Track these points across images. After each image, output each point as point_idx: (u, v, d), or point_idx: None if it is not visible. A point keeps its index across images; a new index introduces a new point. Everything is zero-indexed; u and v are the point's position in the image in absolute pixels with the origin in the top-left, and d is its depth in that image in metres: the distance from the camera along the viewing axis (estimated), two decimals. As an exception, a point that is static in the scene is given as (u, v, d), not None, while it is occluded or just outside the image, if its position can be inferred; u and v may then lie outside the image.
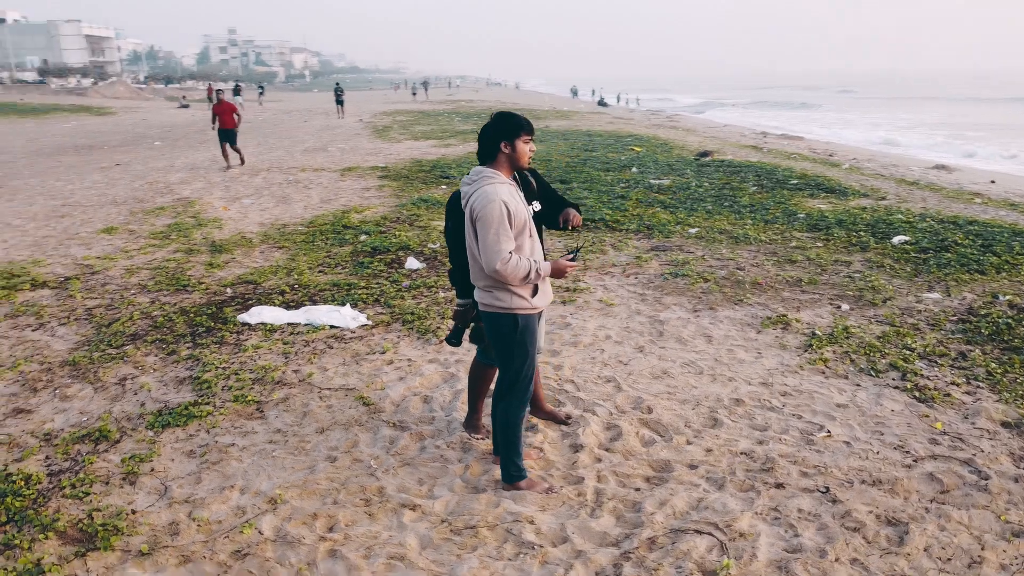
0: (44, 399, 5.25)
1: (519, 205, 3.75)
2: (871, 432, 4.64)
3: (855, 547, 3.50)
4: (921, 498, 3.92)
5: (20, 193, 14.58)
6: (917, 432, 4.63)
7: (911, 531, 3.60)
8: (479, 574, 3.37)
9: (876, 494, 3.95)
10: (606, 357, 5.86)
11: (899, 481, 4.05)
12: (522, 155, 3.80)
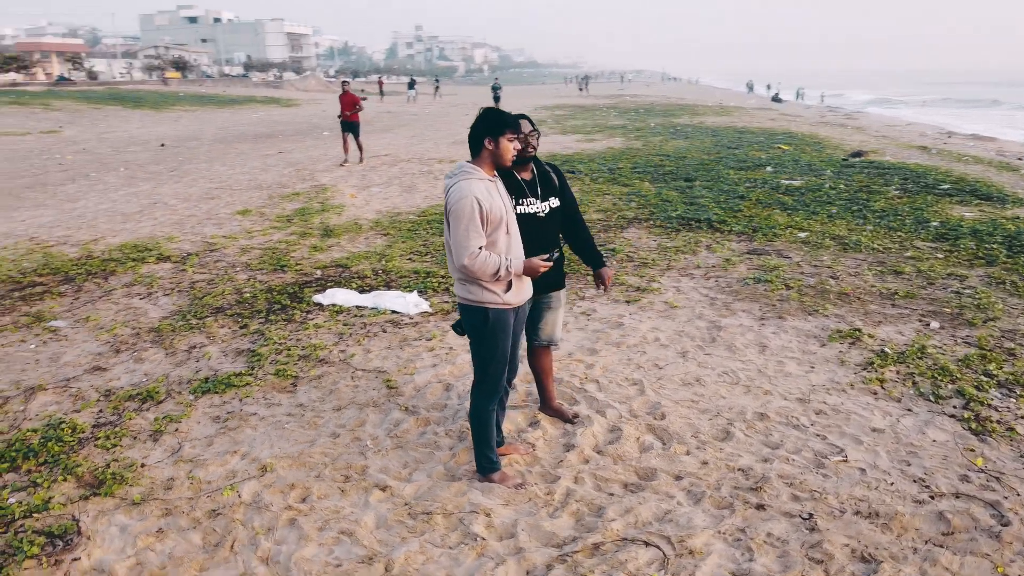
0: (122, 360, 5.89)
1: (496, 202, 3.77)
2: (897, 461, 4.25)
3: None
4: (916, 538, 3.57)
5: (188, 176, 16.19)
6: (950, 466, 4.19)
7: (881, 571, 3.29)
8: (414, 558, 3.45)
9: (865, 527, 3.63)
10: (644, 360, 5.72)
11: (898, 516, 3.70)
12: (505, 152, 3.81)
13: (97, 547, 3.53)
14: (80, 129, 29.34)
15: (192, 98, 48.36)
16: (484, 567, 3.38)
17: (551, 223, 4.37)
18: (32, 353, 6.04)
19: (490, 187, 3.79)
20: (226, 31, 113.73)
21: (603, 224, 10.39)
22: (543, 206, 4.33)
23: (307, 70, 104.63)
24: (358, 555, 3.48)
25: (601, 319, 6.61)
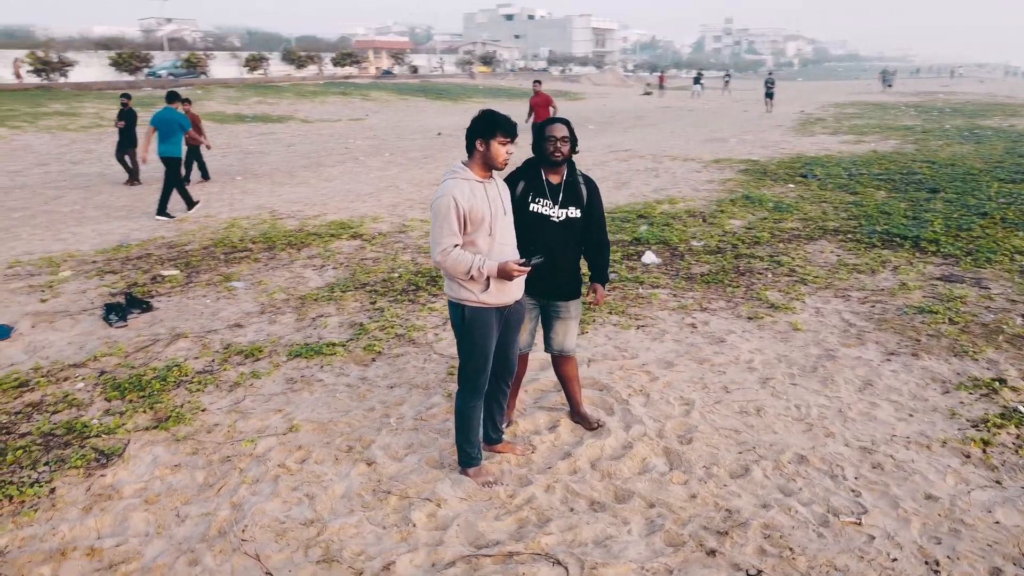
0: (260, 320, 6.79)
1: (479, 203, 3.81)
2: (927, 537, 3.60)
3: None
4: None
5: (434, 163, 17.64)
6: (992, 554, 3.45)
7: (787, 648, 2.88)
8: (346, 530, 3.69)
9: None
10: (715, 380, 5.33)
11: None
12: (497, 155, 3.85)
13: (124, 469, 4.24)
14: (381, 118, 33.03)
15: (489, 91, 51.96)
16: (397, 550, 3.52)
17: (565, 231, 4.30)
18: (204, 306, 7.19)
19: (476, 188, 3.85)
20: (537, 27, 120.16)
21: (792, 234, 9.60)
22: (560, 212, 4.28)
23: (608, 64, 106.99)
24: (305, 518, 3.80)
25: (705, 333, 6.23)
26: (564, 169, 4.34)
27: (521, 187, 4.33)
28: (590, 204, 4.37)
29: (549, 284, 4.36)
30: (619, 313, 6.72)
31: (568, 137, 4.24)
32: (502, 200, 3.96)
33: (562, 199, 4.30)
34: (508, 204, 4.01)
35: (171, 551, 3.55)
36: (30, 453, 4.40)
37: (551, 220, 4.28)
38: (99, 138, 22.84)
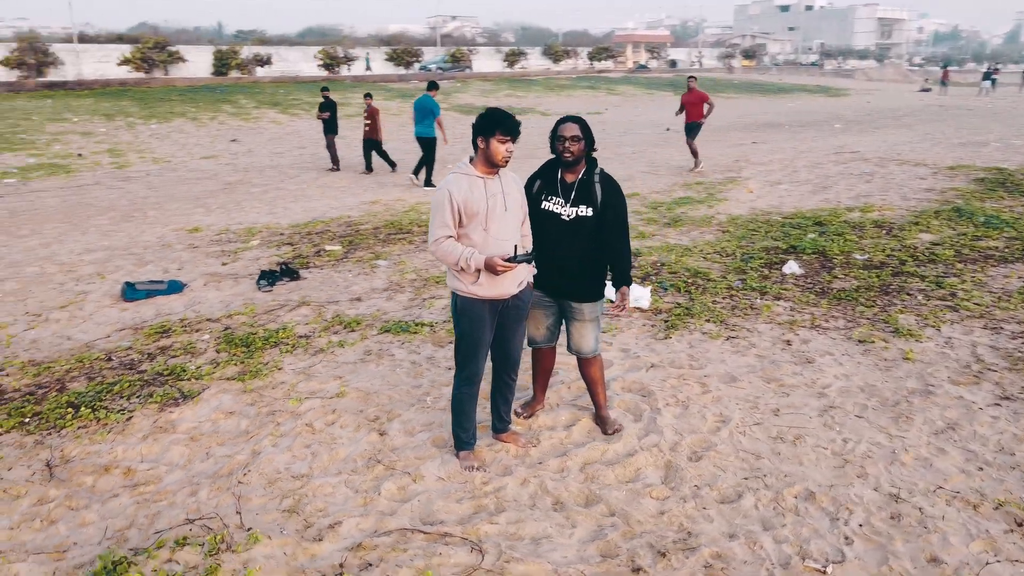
0: (380, 296, 7.39)
1: (476, 199, 3.95)
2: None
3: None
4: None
5: (633, 158, 17.53)
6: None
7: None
8: (323, 487, 4.05)
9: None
10: (770, 402, 4.97)
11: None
12: (496, 153, 3.96)
13: (189, 410, 4.96)
14: (619, 112, 33.22)
15: (742, 86, 49.98)
16: (351, 513, 3.81)
17: (574, 229, 4.28)
18: (344, 280, 7.97)
19: (476, 184, 3.99)
20: (814, 18, 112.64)
21: (984, 254, 8.40)
22: (570, 211, 4.28)
23: (892, 58, 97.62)
24: (298, 472, 4.22)
25: (796, 352, 5.77)
26: (581, 168, 4.32)
27: (537, 185, 4.39)
28: (604, 204, 4.30)
29: (557, 282, 4.38)
30: (716, 321, 6.41)
31: (579, 137, 4.21)
32: (503, 197, 4.04)
33: (574, 198, 4.29)
34: (513, 201, 4.08)
35: (183, 481, 4.14)
36: (132, 387, 5.29)
37: (560, 218, 4.29)
38: (357, 125, 25.50)
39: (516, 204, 4.11)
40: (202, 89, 34.83)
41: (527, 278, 4.23)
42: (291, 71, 45.77)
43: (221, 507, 3.88)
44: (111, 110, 27.03)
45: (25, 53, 36.99)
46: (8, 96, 30.46)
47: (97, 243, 9.85)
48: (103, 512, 3.86)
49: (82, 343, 6.21)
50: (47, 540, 3.64)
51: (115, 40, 46.66)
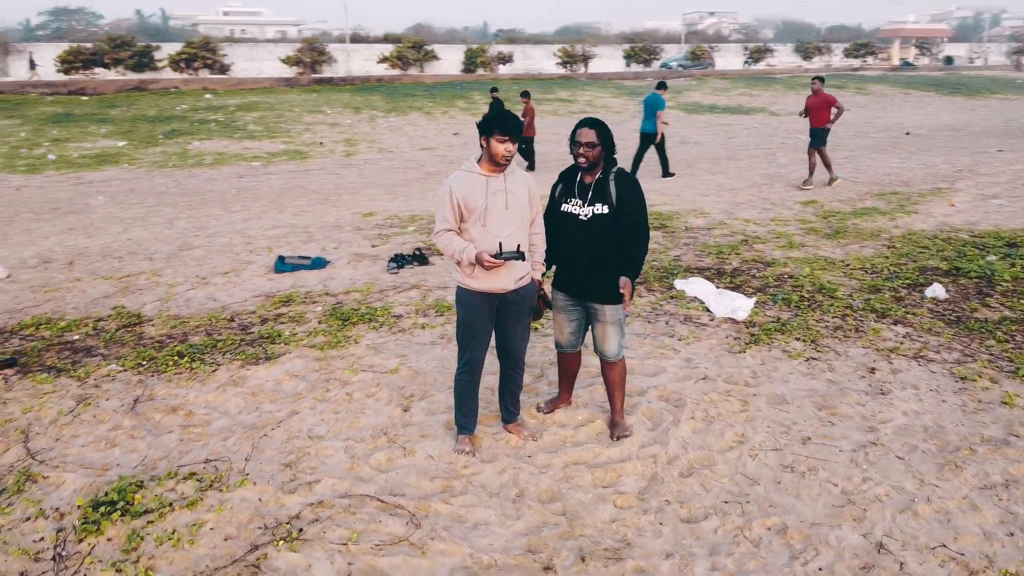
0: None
1: (476, 196, 4.13)
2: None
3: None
4: None
5: (843, 167, 16.23)
6: None
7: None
8: (325, 449, 4.46)
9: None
10: (805, 430, 4.60)
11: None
12: (496, 152, 4.11)
13: (264, 370, 5.63)
14: (856, 114, 30.67)
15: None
16: (332, 474, 4.18)
17: (591, 228, 4.31)
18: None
19: (478, 182, 4.17)
20: None
21: None
22: (587, 210, 4.32)
23: None
24: (315, 434, 4.67)
25: (875, 382, 5.24)
26: (599, 171, 4.33)
27: (559, 189, 4.47)
28: (621, 202, 4.27)
29: (578, 283, 4.42)
30: (807, 341, 5.98)
31: (594, 143, 4.23)
32: (505, 195, 4.18)
33: (590, 197, 4.32)
34: (515, 200, 4.19)
35: (224, 427, 4.78)
36: (234, 345, 6.09)
37: (578, 218, 4.34)
38: (551, 124, 26.06)
39: (518, 203, 4.22)
40: (445, 86, 37.37)
41: (525, 276, 4.32)
42: (534, 68, 47.62)
43: (238, 453, 4.44)
44: (360, 104, 29.99)
45: (304, 53, 42.01)
46: (284, 91, 34.86)
47: (286, 221, 11.20)
48: (151, 444, 4.58)
49: (221, 305, 7.22)
50: (101, 459, 4.42)
51: (381, 40, 51.46)
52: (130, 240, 10.14)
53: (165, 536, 3.61)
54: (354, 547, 3.53)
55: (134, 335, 6.41)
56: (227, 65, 41.72)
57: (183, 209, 12.49)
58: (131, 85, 34.70)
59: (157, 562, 3.45)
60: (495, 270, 4.16)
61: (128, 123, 24.84)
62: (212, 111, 27.44)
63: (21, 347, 6.15)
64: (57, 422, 4.85)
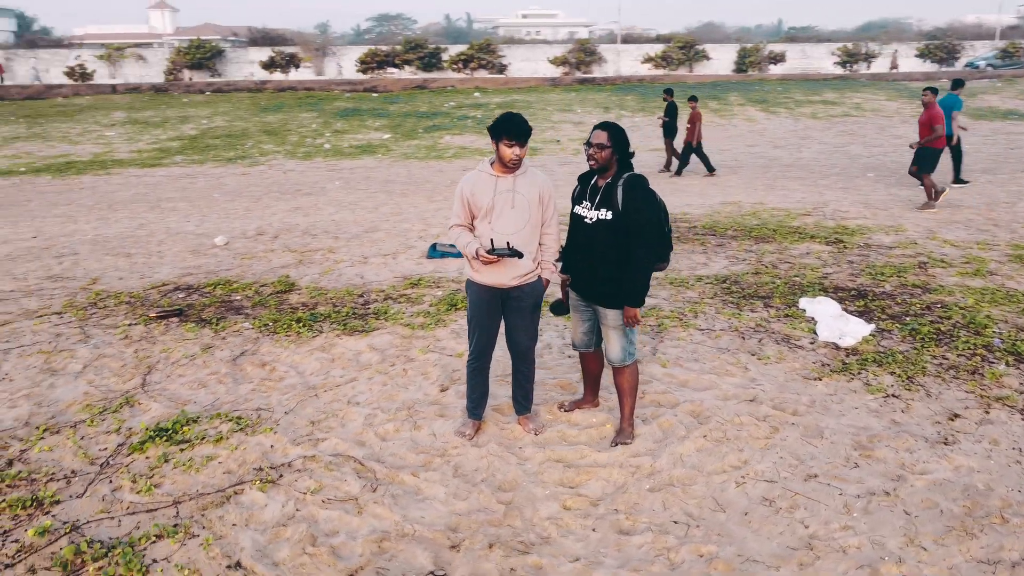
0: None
1: (483, 194, 4.38)
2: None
3: None
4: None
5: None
6: None
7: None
8: (350, 413, 4.96)
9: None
10: (815, 467, 4.22)
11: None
12: (503, 155, 4.33)
13: (353, 341, 6.27)
14: None
15: None
16: (342, 436, 4.66)
17: (595, 232, 4.37)
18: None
19: (488, 181, 4.42)
20: None
21: None
22: (592, 214, 4.39)
23: None
24: (353, 400, 5.19)
25: (948, 428, 4.60)
26: (611, 175, 4.36)
27: (576, 191, 4.55)
28: (625, 208, 4.27)
29: (585, 285, 4.49)
30: (902, 377, 5.35)
31: (604, 145, 4.26)
32: (513, 195, 4.37)
33: (598, 201, 4.36)
34: (523, 200, 4.36)
35: (291, 384, 5.48)
36: (344, 317, 6.85)
37: (585, 221, 4.41)
38: (728, 129, 24.38)
39: (526, 203, 4.38)
40: (707, 85, 36.58)
41: (529, 273, 4.46)
42: (811, 68, 44.81)
43: (284, 407, 5.11)
44: (612, 103, 30.50)
45: (573, 53, 43.46)
46: (547, 90, 36.40)
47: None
48: (229, 390, 5.42)
49: (364, 282, 8.08)
50: (186, 396, 5.33)
51: (652, 40, 51.49)
52: (333, 221, 11.55)
53: (182, 462, 4.34)
54: (310, 497, 3.99)
55: (278, 300, 7.45)
56: (504, 65, 44.50)
57: (395, 196, 13.85)
58: (415, 84, 38.40)
59: (164, 480, 4.18)
60: (495, 265, 4.37)
61: (400, 118, 27.65)
62: (475, 108, 29.54)
63: (193, 301, 7.45)
64: (178, 363, 5.90)
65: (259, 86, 37.43)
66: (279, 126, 26.47)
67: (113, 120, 28.96)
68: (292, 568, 3.44)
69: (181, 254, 9.56)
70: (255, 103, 32.17)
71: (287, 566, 3.46)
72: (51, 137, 25.49)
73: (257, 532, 3.71)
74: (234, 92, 37.23)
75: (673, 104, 16.49)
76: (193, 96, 36.28)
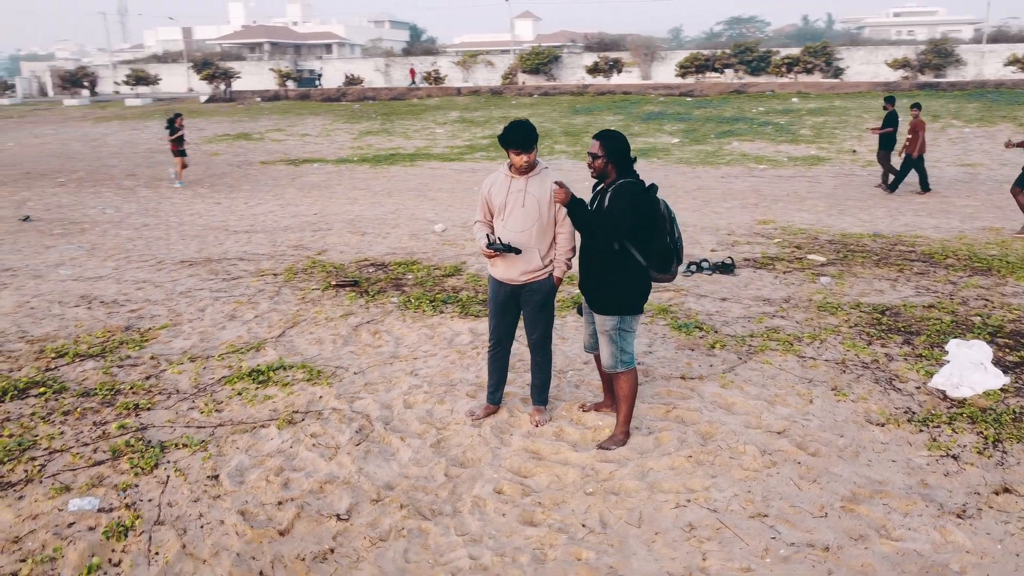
0: (763, 307, 7.41)
1: (498, 194, 4.72)
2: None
3: None
4: None
5: None
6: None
7: None
8: (400, 383, 5.59)
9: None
10: (782, 512, 3.87)
11: None
12: (512, 162, 4.64)
13: (460, 322, 6.86)
14: None
15: None
16: (381, 398, 5.30)
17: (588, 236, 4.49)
18: (761, 283, 8.08)
19: (503, 182, 4.75)
20: None
21: None
22: None
23: None
24: (414, 372, 5.79)
25: (983, 503, 3.89)
26: (608, 183, 4.45)
27: (589, 198, 4.68)
28: (610, 211, 4.34)
29: (582, 286, 4.62)
30: (989, 438, 4.53)
31: (597, 154, 4.37)
32: (525, 196, 4.65)
33: (595, 207, 4.49)
34: (532, 200, 4.60)
35: (381, 352, 6.24)
36: (471, 302, 7.47)
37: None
38: None
39: (535, 203, 4.62)
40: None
41: (538, 272, 4.68)
42: None
43: (358, 367, 5.88)
44: (947, 111, 27.05)
45: (923, 55, 39.04)
46: (875, 95, 33.24)
47: (689, 218, 11.86)
48: (333, 349, 6.34)
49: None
50: (301, 347, 6.35)
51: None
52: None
53: (248, 397, 5.33)
54: (306, 439, 4.70)
55: (437, 283, 8.32)
56: (841, 69, 41.56)
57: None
58: (732, 88, 37.56)
59: (225, 408, 5.20)
60: (504, 262, 4.69)
61: (699, 122, 27.46)
62: (782, 114, 28.20)
63: (372, 275, 8.63)
64: (317, 322, 7.02)
65: (581, 89, 39.46)
66: (581, 128, 27.82)
67: (447, 119, 32.77)
68: (248, 487, 4.18)
69: (401, 236, 10.95)
70: (571, 106, 34.11)
71: (246, 485, 4.20)
72: (394, 132, 29.62)
73: (248, 456, 4.51)
74: (558, 95, 39.78)
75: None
76: (521, 98, 39.49)
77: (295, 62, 59.64)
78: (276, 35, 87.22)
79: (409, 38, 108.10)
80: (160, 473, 4.32)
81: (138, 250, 10.39)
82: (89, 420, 5.00)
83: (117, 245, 10.79)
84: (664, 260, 4.46)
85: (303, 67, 57.95)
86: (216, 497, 4.08)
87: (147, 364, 6.03)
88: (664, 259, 4.46)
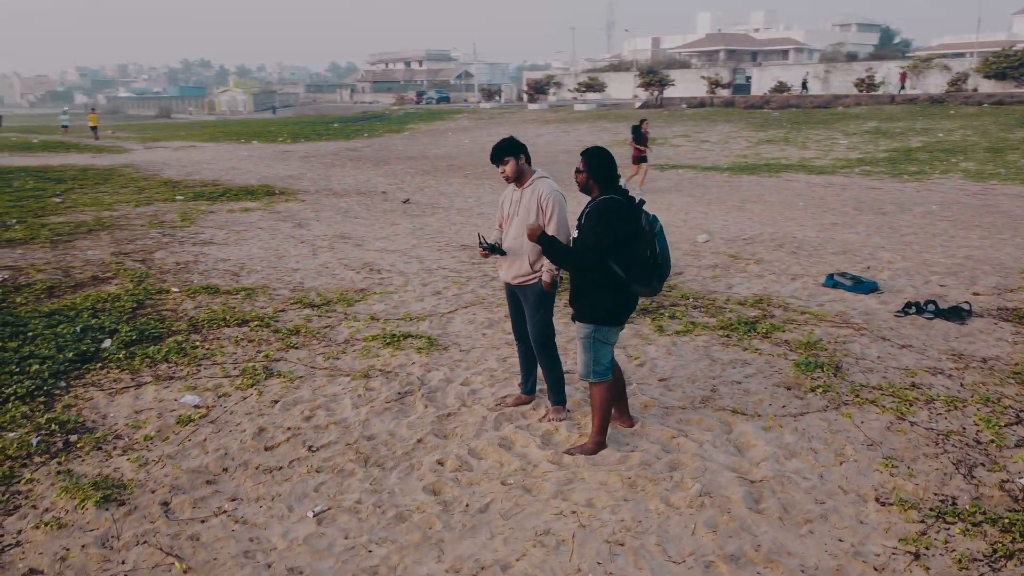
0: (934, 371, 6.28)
1: (504, 202, 5.20)
2: None
3: None
4: None
5: None
6: None
7: None
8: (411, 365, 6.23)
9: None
10: (701, 553, 3.71)
11: None
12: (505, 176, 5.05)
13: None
14: None
15: None
16: (444, 369, 6.05)
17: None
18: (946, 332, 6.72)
19: (510, 192, 5.19)
20: None
21: None
22: (573, 233, 4.74)
23: None
24: (496, 347, 6.36)
25: None
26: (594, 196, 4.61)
27: None
28: (581, 228, 4.52)
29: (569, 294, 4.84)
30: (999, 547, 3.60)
31: (580, 170, 4.57)
32: (519, 205, 5.03)
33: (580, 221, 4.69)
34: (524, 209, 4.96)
35: (483, 320, 6.92)
36: (633, 309, 7.61)
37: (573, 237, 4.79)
38: None
39: (525, 211, 4.98)
40: None
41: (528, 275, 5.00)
42: None
43: (470, 341, 6.66)
44: None
45: None
46: None
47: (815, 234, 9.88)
48: (434, 305, 7.20)
49: (726, 290, 8.39)
50: (408, 300, 7.35)
51: None
52: (838, 239, 11.19)
53: (365, 352, 6.49)
54: (359, 390, 5.69)
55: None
56: None
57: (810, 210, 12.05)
58: None
59: (344, 357, 6.41)
60: (500, 263, 5.17)
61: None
62: None
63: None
64: (442, 278, 7.95)
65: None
66: (1014, 144, 23.64)
67: (859, 129, 30.45)
68: (284, 414, 5.32)
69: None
70: (1022, 118, 28.96)
71: (285, 413, 5.34)
72: (792, 141, 28.47)
73: (309, 392, 5.67)
74: (1014, 104, 33.81)
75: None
76: (964, 108, 34.55)
77: (732, 69, 59.95)
78: (734, 42, 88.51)
79: (879, 41, 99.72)
80: (249, 392, 5.71)
81: (445, 234, 12.31)
82: (254, 349, 6.66)
83: (438, 228, 12.91)
84: (644, 275, 4.44)
85: (740, 71, 58.10)
86: (261, 415, 5.32)
87: (338, 316, 7.57)
88: (644, 274, 4.44)
